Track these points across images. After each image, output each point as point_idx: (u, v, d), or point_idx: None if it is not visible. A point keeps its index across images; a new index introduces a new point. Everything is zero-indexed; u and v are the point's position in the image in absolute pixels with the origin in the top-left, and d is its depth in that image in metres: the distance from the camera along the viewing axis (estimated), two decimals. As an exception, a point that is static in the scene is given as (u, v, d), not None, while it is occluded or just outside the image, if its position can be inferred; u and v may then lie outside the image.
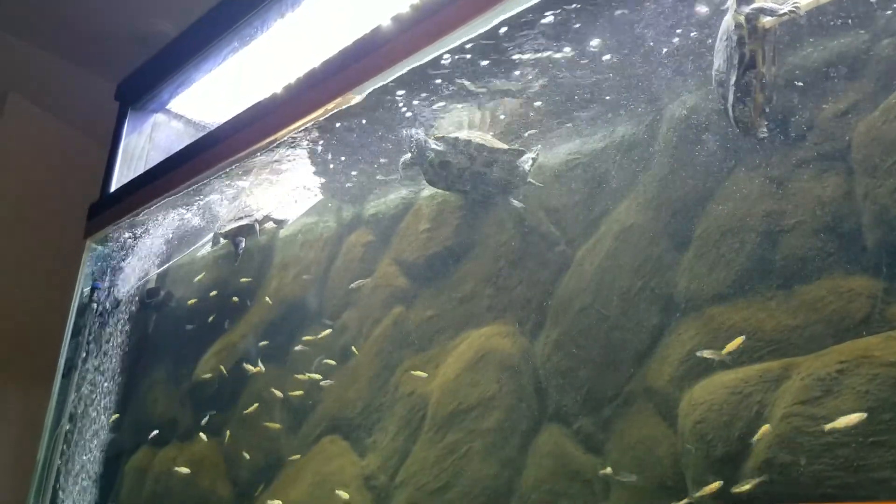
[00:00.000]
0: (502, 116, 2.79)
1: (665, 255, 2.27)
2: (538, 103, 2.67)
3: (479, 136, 2.72)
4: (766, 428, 1.76)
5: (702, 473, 1.88)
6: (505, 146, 2.72)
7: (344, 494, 2.80)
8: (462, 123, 2.86)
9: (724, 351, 1.95)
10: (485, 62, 2.47)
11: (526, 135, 2.80)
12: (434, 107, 2.78)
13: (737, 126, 1.91)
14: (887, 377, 1.62)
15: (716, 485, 1.80)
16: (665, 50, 2.27)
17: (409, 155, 2.81)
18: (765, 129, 1.90)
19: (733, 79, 1.86)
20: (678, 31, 2.21)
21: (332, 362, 3.19)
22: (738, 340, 1.92)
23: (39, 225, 5.00)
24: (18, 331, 4.80)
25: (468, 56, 2.44)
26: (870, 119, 1.91)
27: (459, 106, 2.77)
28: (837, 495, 1.60)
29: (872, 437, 1.60)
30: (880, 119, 1.88)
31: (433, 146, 2.70)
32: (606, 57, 2.37)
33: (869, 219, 1.84)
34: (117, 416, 4.16)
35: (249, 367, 3.39)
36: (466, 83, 2.60)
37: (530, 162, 2.70)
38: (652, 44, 2.28)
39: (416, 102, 2.75)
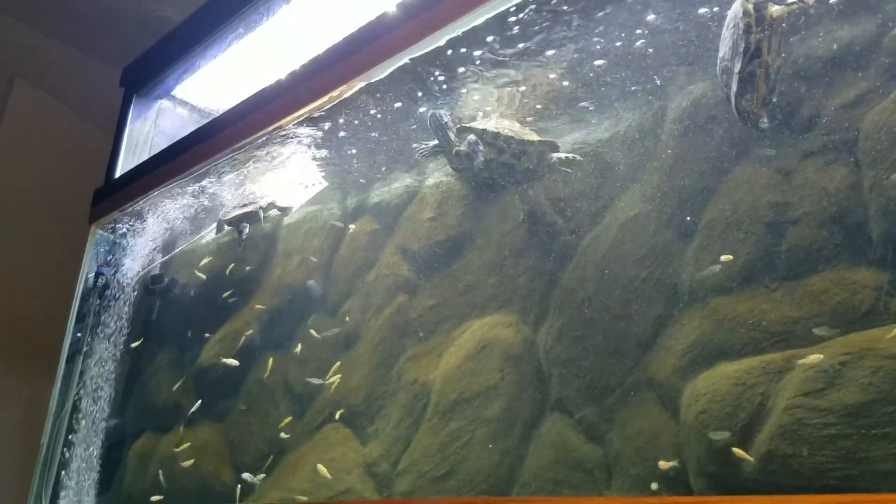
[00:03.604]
0: (507, 104, 2.78)
1: (669, 245, 2.27)
2: (544, 91, 2.66)
3: (508, 127, 2.63)
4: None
5: (704, 464, 1.88)
6: (536, 137, 2.64)
7: (325, 472, 2.81)
8: (477, 110, 2.82)
9: None
10: (488, 50, 2.46)
11: (529, 121, 2.79)
12: (442, 93, 2.76)
13: (739, 116, 1.90)
14: (891, 369, 1.62)
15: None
16: (673, 39, 2.25)
17: (434, 141, 2.76)
18: (766, 120, 1.88)
19: (738, 67, 1.84)
20: (686, 19, 2.19)
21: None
22: None
23: (44, 210, 5.01)
24: (23, 316, 4.82)
25: (472, 43, 2.42)
26: (877, 110, 1.89)
27: (464, 92, 2.75)
28: (839, 487, 1.60)
29: (875, 429, 1.60)
30: (888, 110, 1.86)
31: (462, 138, 2.64)
32: (613, 45, 2.36)
33: (875, 210, 1.83)
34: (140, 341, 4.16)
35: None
36: (470, 70, 2.59)
37: (566, 161, 2.60)
38: (659, 32, 2.26)
39: (424, 88, 2.73)
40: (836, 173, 1.94)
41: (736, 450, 1.75)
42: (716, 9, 2.09)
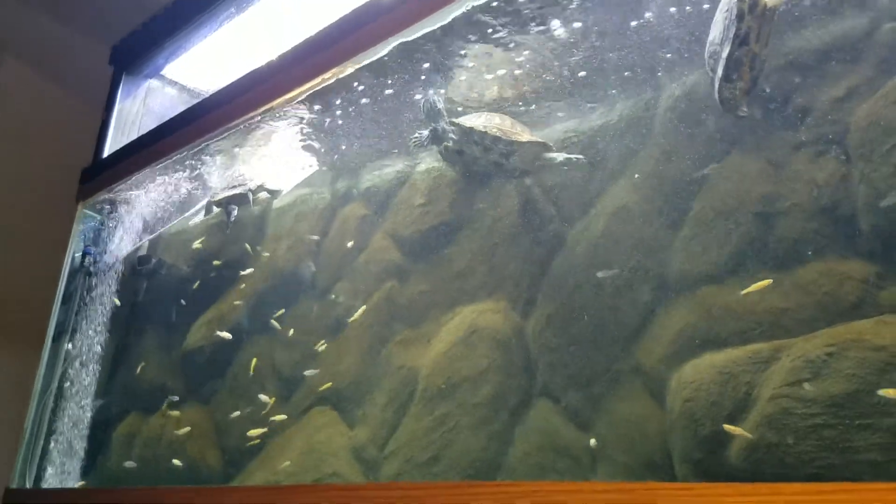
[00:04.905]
0: (500, 90, 2.77)
1: (659, 234, 2.28)
2: (536, 78, 2.66)
3: (497, 126, 2.59)
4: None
5: (689, 451, 1.90)
6: (525, 137, 2.61)
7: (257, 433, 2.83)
8: (470, 95, 2.79)
9: None
10: (481, 33, 2.45)
11: (523, 111, 2.78)
12: (437, 76, 2.74)
13: (720, 101, 1.90)
14: (876, 361, 1.63)
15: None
16: (666, 27, 2.25)
17: (426, 132, 2.74)
18: (746, 109, 1.88)
19: (725, 52, 1.84)
20: (680, 7, 2.19)
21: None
22: None
23: (31, 188, 4.96)
24: (8, 296, 4.77)
25: (466, 26, 2.41)
26: (868, 103, 1.90)
27: (458, 76, 2.74)
28: (823, 476, 1.62)
29: (859, 419, 1.61)
30: (879, 103, 1.87)
31: (450, 133, 2.62)
32: (607, 33, 2.35)
33: (864, 203, 1.84)
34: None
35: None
36: (464, 54, 2.57)
37: (562, 159, 2.54)
38: (653, 20, 2.26)
39: (419, 71, 2.71)
40: (826, 165, 1.95)
41: (730, 427, 1.78)
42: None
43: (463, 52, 2.56)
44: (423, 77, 2.73)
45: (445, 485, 1.67)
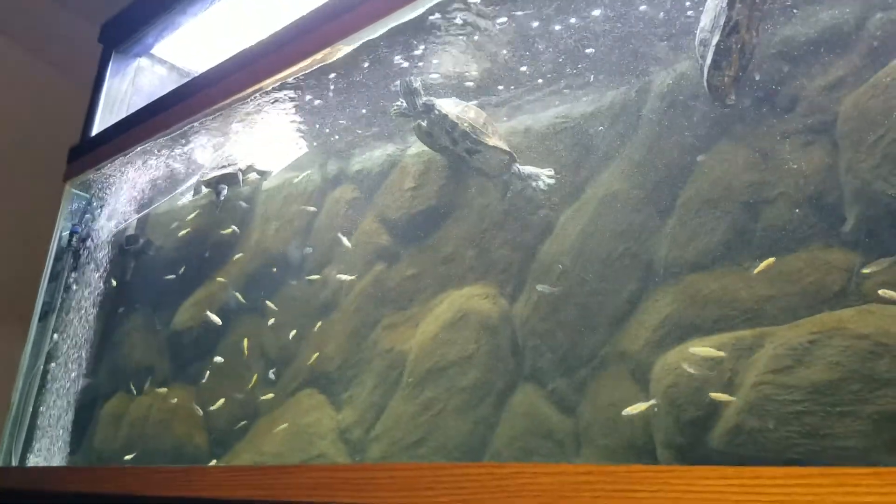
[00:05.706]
0: (491, 73, 2.76)
1: (647, 222, 2.28)
2: (527, 62, 2.65)
3: (470, 121, 2.59)
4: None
5: (671, 436, 1.92)
6: (492, 141, 2.60)
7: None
8: (453, 78, 2.79)
9: None
10: (468, 14, 2.43)
11: (513, 96, 2.78)
12: (423, 58, 2.73)
13: (708, 89, 1.91)
14: (858, 349, 1.65)
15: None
16: (659, 13, 2.25)
17: (403, 104, 2.74)
18: (734, 97, 1.89)
19: (715, 40, 1.84)
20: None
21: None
22: None
23: (18, 166, 4.92)
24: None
25: (455, 7, 2.39)
26: (857, 94, 1.91)
27: (443, 58, 2.72)
28: (803, 462, 1.63)
29: (840, 406, 1.63)
30: (867, 94, 1.88)
31: (423, 110, 2.61)
32: (600, 18, 2.35)
33: (850, 193, 1.86)
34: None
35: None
36: (450, 36, 2.56)
37: (542, 183, 2.54)
38: (646, 6, 2.26)
39: (407, 53, 2.70)
40: (814, 155, 1.96)
41: (716, 395, 1.80)
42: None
43: (453, 33, 2.55)
44: (412, 56, 2.72)
45: (430, 466, 1.68)
